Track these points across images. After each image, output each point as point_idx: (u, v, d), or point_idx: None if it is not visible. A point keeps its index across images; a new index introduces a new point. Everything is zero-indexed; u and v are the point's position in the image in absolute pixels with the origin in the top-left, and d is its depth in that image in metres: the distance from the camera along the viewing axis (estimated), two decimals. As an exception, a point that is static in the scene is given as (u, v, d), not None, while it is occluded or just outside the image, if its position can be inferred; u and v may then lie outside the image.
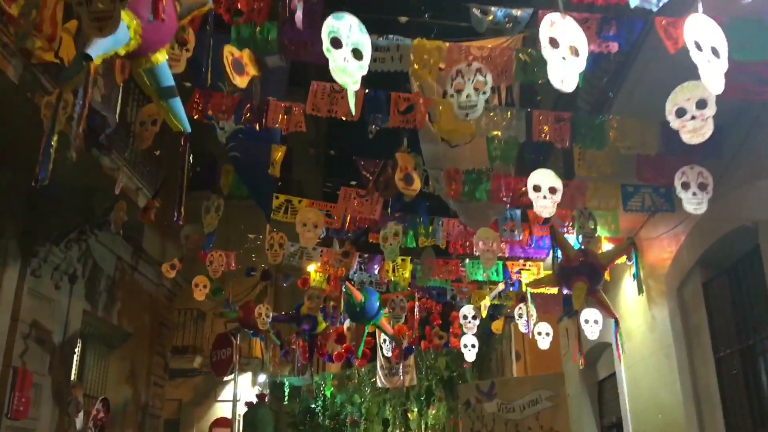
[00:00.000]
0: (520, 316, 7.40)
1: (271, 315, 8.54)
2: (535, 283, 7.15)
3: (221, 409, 15.62)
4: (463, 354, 17.50)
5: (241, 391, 16.27)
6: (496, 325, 9.26)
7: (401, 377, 15.82)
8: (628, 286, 7.28)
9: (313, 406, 18.14)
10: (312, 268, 9.43)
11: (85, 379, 8.99)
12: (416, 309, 8.08)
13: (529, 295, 7.23)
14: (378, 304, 7.66)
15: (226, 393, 15.51)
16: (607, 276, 6.77)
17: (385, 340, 15.58)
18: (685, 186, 4.26)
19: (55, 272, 7.40)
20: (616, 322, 6.53)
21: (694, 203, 4.55)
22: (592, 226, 5.46)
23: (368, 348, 14.03)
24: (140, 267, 9.87)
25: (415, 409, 20.78)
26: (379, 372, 15.81)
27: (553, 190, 4.86)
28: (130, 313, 9.67)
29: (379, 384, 15.85)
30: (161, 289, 10.66)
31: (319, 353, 13.14)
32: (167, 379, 10.83)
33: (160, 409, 10.56)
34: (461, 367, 17.94)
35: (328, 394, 17.16)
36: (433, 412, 22.35)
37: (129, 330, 9.62)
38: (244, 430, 11.54)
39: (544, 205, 4.86)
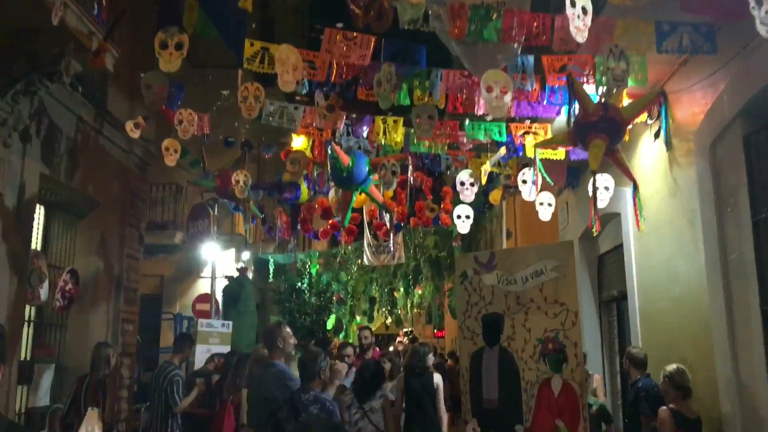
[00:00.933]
0: (524, 182, 6.71)
1: (249, 182, 7.80)
2: (545, 144, 6.39)
3: (204, 286, 15.24)
4: (452, 233, 17.22)
5: (224, 268, 15.91)
6: (495, 196, 8.59)
7: (389, 255, 15.39)
8: (645, 147, 6.55)
9: (299, 285, 17.83)
10: (297, 143, 8.62)
11: (50, 249, 8.34)
12: (410, 177, 7.33)
13: (537, 156, 6.50)
14: (367, 168, 6.90)
15: (210, 269, 15.07)
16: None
17: (371, 224, 15.03)
18: (759, 2, 3.38)
19: (2, 128, 6.54)
20: (635, 186, 5.85)
21: (769, 24, 3.66)
22: (624, 68, 4.62)
23: (355, 224, 13.44)
24: (105, 131, 8.99)
25: (402, 288, 20.68)
26: (366, 250, 15.31)
27: (585, 11, 4.00)
28: (97, 181, 8.89)
29: (366, 262, 15.37)
30: (131, 157, 9.83)
31: (304, 230, 12.54)
32: (142, 253, 10.19)
33: (137, 282, 10.01)
34: (450, 246, 17.65)
35: (313, 272, 16.81)
36: (419, 291, 22.32)
37: (97, 198, 8.87)
38: (225, 305, 11.08)
39: (579, 26, 4.00)
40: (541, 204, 7.46)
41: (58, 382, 8.11)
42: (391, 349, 20.63)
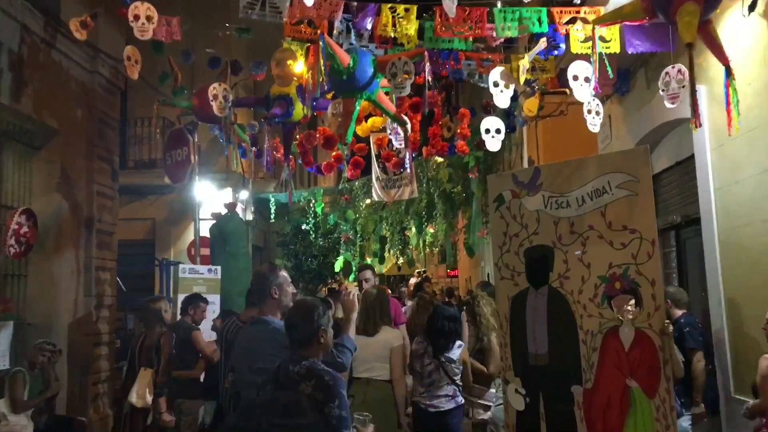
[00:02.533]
0: (575, 78, 5.27)
1: (230, 98, 6.36)
2: (610, 18, 4.90)
3: (201, 229, 13.97)
4: (467, 164, 15.77)
5: (221, 209, 14.61)
6: (531, 104, 7.10)
7: (400, 190, 14.03)
8: (732, 25, 5.06)
9: (305, 227, 16.52)
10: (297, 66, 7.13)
11: (1, 187, 7.01)
12: (427, 81, 5.85)
13: (596, 37, 5.03)
14: (372, 69, 5.45)
15: (207, 210, 13.76)
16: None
17: (379, 156, 13.63)
18: None
19: None
20: (729, 72, 4.39)
21: None
22: None
23: (362, 156, 12.04)
24: (60, 44, 7.53)
25: (414, 227, 19.37)
26: (375, 185, 13.94)
27: None
28: (54, 105, 7.49)
29: (375, 197, 14.02)
30: (96, 77, 8.39)
31: (305, 162, 11.15)
32: (116, 191, 8.84)
33: (113, 224, 8.70)
34: (466, 179, 16.23)
35: (319, 211, 15.47)
36: (431, 231, 21.01)
37: (54, 126, 7.48)
38: (213, 247, 9.77)
39: None
40: (589, 112, 6.01)
41: (19, 341, 6.90)
42: (404, 290, 19.52)
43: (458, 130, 11.18)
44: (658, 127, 6.52)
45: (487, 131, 6.32)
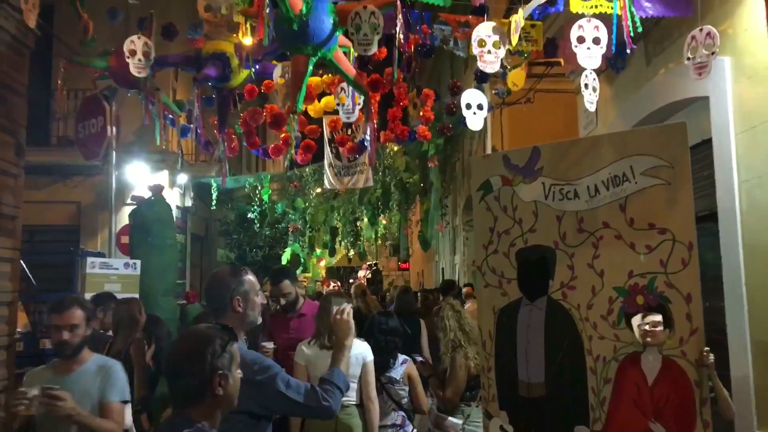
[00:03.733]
0: (581, 40, 4.26)
1: (152, 55, 5.13)
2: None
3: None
4: (426, 152, 14.75)
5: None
6: (516, 76, 6.05)
7: (354, 177, 12.96)
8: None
9: (250, 215, 15.25)
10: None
11: None
12: (398, 39, 4.75)
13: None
14: (331, 19, 4.33)
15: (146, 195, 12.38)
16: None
17: (332, 141, 12.59)
18: None
19: None
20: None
21: None
22: None
23: (313, 139, 10.91)
24: (-53, -13, 6.14)
25: (366, 219, 18.33)
26: (328, 171, 12.83)
27: None
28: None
29: (326, 185, 12.94)
30: (-3, 31, 6.98)
31: (249, 144, 9.95)
32: (22, 168, 7.46)
33: (16, 207, 7.32)
34: (424, 168, 15.23)
35: (265, 198, 14.23)
36: (385, 222, 20.00)
37: (-63, 86, 6.10)
38: (132, 238, 8.41)
39: None
40: (586, 87, 5.02)
41: None
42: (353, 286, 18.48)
43: (420, 113, 10.16)
44: (662, 108, 5.57)
45: (468, 106, 5.28)
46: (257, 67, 5.33)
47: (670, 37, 5.47)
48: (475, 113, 5.25)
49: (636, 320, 3.43)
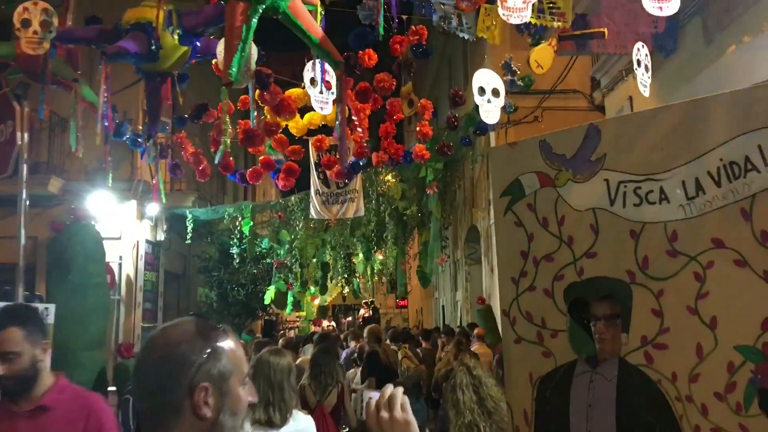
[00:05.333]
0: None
1: (53, 26, 3.79)
2: None
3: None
4: (425, 178, 13.39)
5: (121, 227, 11.84)
6: (542, 54, 4.59)
7: (344, 206, 11.60)
8: None
9: (233, 250, 13.80)
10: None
11: None
12: (383, 6, 3.36)
13: None
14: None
15: (111, 228, 10.95)
16: None
17: (319, 165, 11.26)
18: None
19: None
20: None
21: None
22: None
23: (297, 161, 9.71)
24: None
25: (361, 254, 16.93)
26: (314, 199, 11.46)
27: None
28: None
29: (313, 214, 11.55)
30: None
31: (222, 167, 8.73)
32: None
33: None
34: (422, 197, 13.86)
35: (245, 230, 12.79)
36: (380, 257, 18.55)
37: None
38: (50, 272, 6.80)
39: None
40: (638, 65, 3.70)
41: None
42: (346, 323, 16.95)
43: (417, 128, 8.83)
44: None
45: (481, 92, 3.93)
46: (198, 43, 3.97)
47: (734, 7, 4.16)
48: (489, 101, 3.92)
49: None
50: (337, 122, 4.58)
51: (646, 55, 3.85)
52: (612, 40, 4.24)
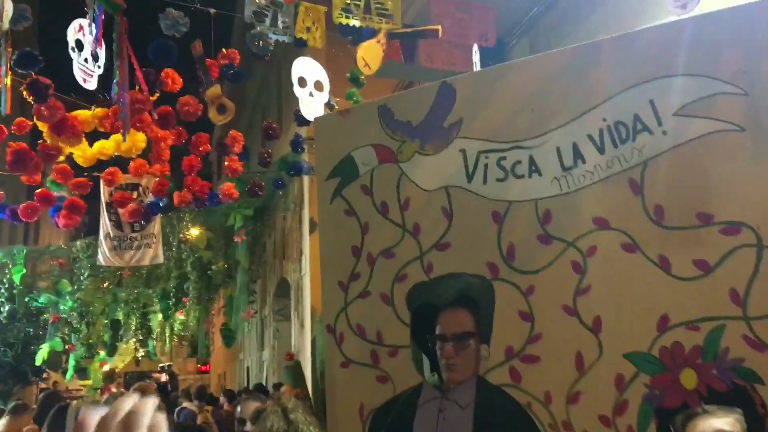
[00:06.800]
0: None
1: None
2: None
3: None
4: (232, 226, 12.47)
5: None
6: (370, 53, 3.89)
7: (139, 252, 10.34)
8: None
9: (0, 304, 11.76)
10: None
11: None
12: None
13: None
14: None
15: None
16: None
17: (111, 204, 10.07)
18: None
19: None
20: None
21: None
22: None
23: (83, 197, 8.46)
24: None
25: (159, 312, 15.38)
26: (104, 243, 10.10)
27: None
28: None
29: (101, 261, 10.16)
30: None
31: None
32: None
33: None
34: (230, 247, 12.90)
35: (17, 280, 10.93)
36: (182, 317, 17.03)
37: None
38: None
39: None
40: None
41: None
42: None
43: (225, 163, 8.13)
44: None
45: (302, 83, 3.34)
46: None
47: None
48: (311, 94, 3.32)
49: (686, 427, 1.56)
50: (115, 81, 3.73)
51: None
52: (441, 53, 3.88)
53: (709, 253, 1.61)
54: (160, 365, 26.34)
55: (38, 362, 12.23)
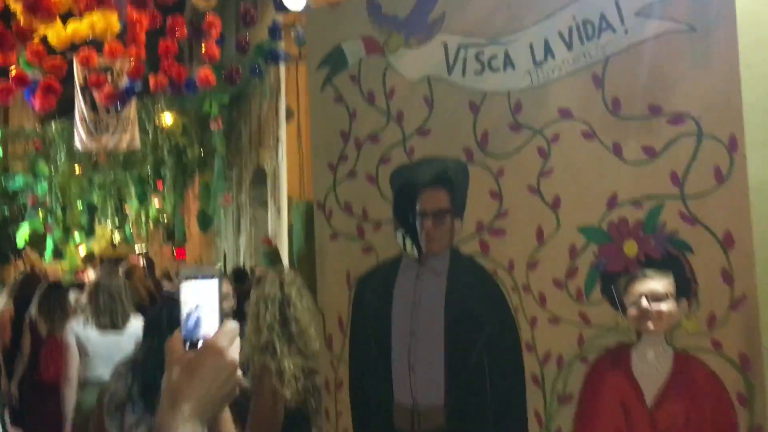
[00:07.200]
0: None
1: None
2: None
3: None
4: (209, 114, 12.41)
5: None
6: None
7: (116, 136, 10.38)
8: None
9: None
10: None
11: None
12: None
13: None
14: None
15: None
16: None
17: (86, 87, 10.04)
18: None
19: None
20: None
21: None
22: None
23: (60, 79, 8.44)
24: None
25: (135, 198, 15.49)
26: (80, 127, 10.11)
27: None
28: None
29: (78, 146, 10.21)
30: None
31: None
32: None
33: None
34: (206, 133, 12.91)
35: (-6, 162, 10.98)
36: (157, 206, 17.15)
37: None
38: None
39: None
40: None
41: None
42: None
43: (204, 51, 8.11)
44: None
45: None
46: None
47: None
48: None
49: (627, 288, 1.85)
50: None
51: None
52: None
53: (656, 141, 1.84)
54: (138, 252, 26.71)
55: (20, 245, 12.46)
